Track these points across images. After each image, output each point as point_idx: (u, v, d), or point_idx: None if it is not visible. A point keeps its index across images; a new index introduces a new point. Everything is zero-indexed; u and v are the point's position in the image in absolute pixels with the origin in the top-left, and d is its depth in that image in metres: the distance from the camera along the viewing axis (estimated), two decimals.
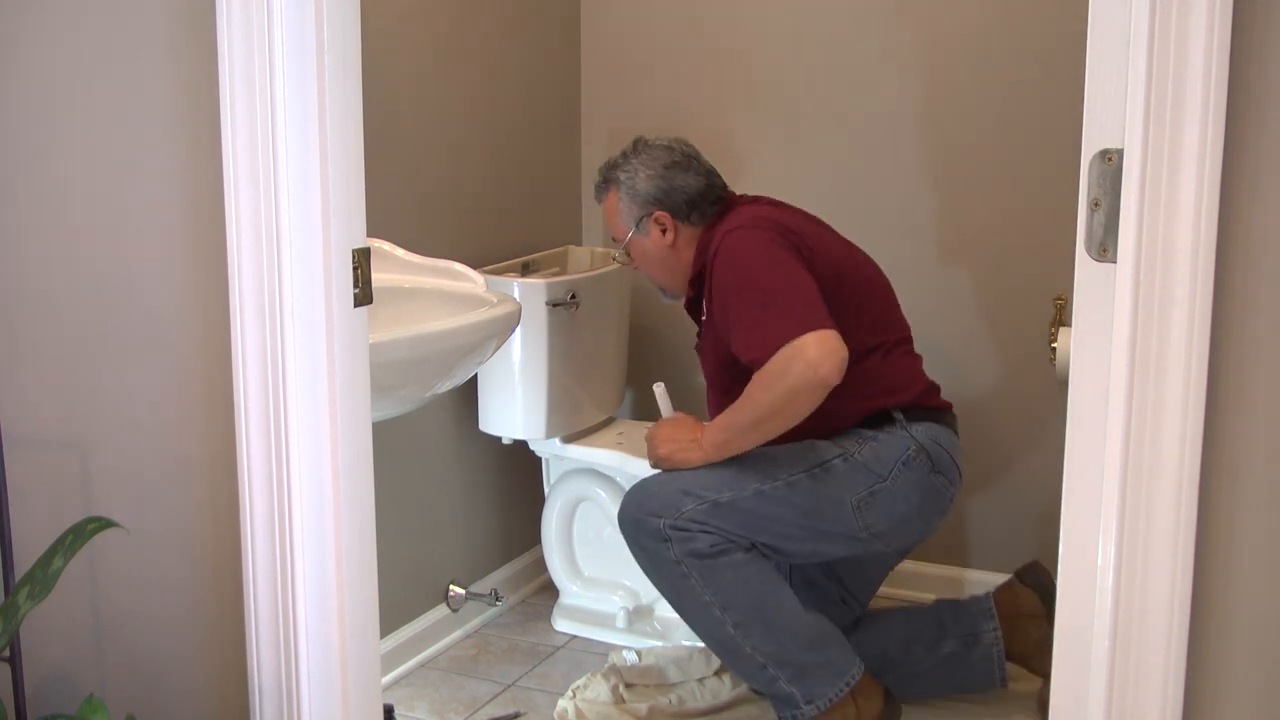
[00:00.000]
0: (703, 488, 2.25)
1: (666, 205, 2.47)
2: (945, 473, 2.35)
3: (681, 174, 2.47)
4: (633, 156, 2.51)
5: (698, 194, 2.47)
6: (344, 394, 1.62)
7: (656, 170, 2.47)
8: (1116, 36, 1.24)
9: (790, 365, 2.10)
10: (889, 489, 2.29)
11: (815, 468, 2.29)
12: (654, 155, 2.49)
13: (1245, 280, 1.25)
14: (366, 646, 1.72)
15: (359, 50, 1.59)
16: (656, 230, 2.49)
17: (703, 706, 2.59)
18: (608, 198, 2.56)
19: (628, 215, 2.52)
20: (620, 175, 2.51)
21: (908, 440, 2.32)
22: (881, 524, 2.31)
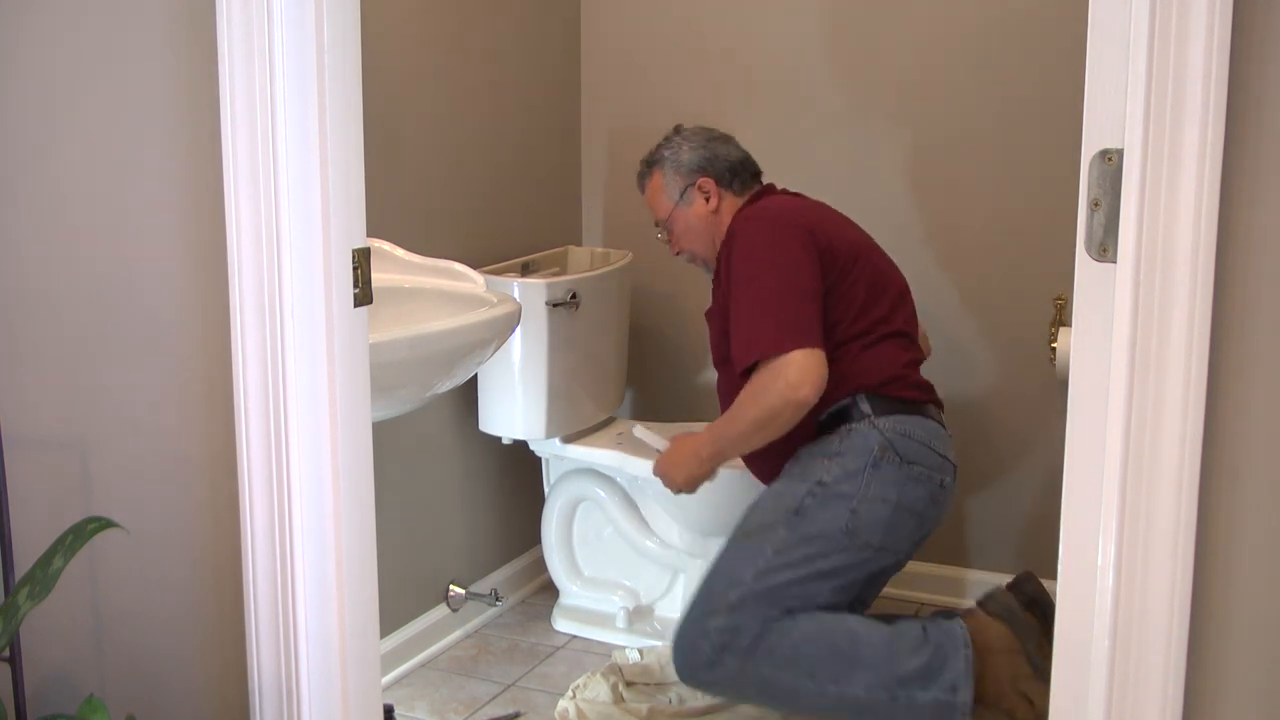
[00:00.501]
0: (713, 599, 2.28)
1: (710, 172, 2.57)
2: (921, 461, 2.33)
3: (723, 145, 2.59)
4: (674, 138, 2.63)
5: (739, 162, 2.58)
6: (344, 394, 1.62)
7: (699, 142, 2.59)
8: (1116, 36, 1.24)
9: (772, 384, 2.26)
10: (865, 498, 2.28)
11: (792, 516, 2.29)
12: (695, 131, 2.62)
13: (1245, 280, 1.25)
14: (366, 646, 1.72)
15: (359, 50, 1.59)
16: (700, 198, 2.57)
17: (702, 705, 2.59)
18: (651, 180, 2.64)
19: (672, 188, 2.59)
20: (664, 154, 2.61)
21: (872, 438, 2.30)
22: (876, 535, 2.30)
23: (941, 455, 2.37)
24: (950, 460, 2.40)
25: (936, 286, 2.99)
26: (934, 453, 2.36)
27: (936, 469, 2.36)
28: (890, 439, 2.31)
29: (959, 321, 2.99)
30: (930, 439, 2.37)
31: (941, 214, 2.98)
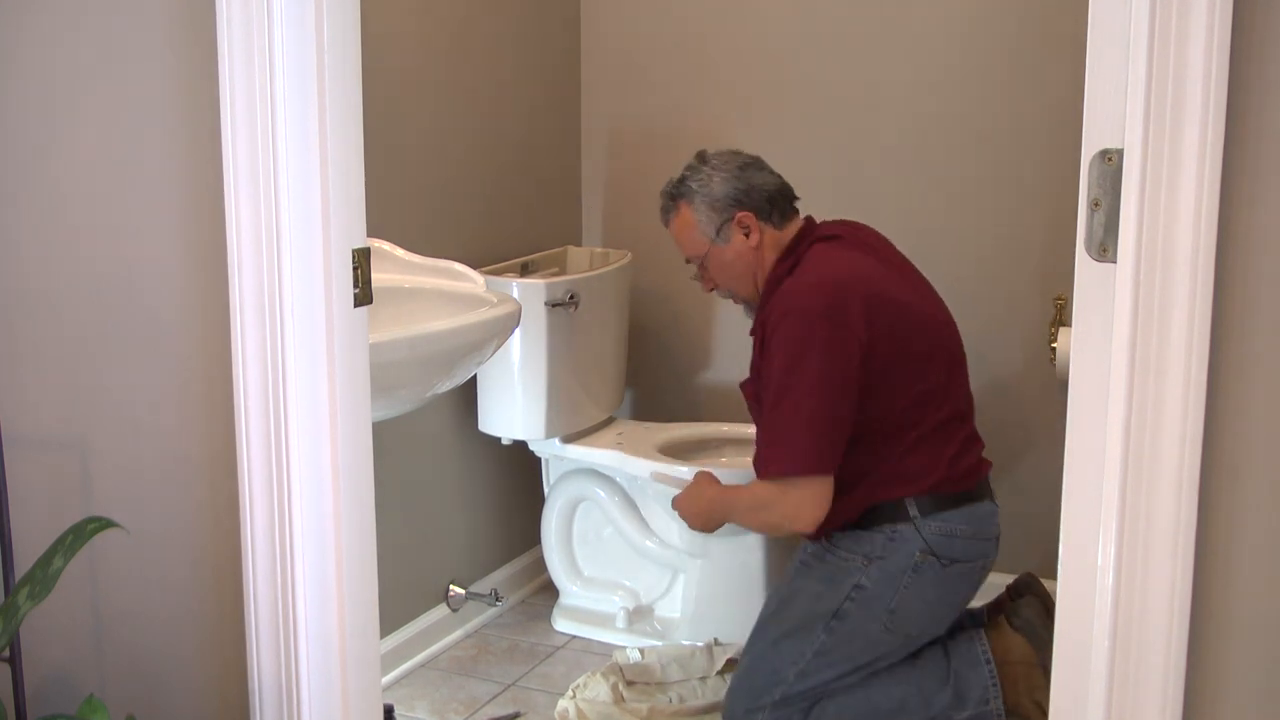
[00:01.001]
0: (756, 695, 2.33)
1: (748, 205, 2.37)
2: (963, 558, 2.31)
3: (756, 173, 2.40)
4: (701, 168, 2.41)
5: (776, 190, 2.40)
6: (344, 394, 1.62)
7: (731, 172, 2.38)
8: (1116, 36, 1.24)
9: (775, 505, 2.30)
10: (904, 600, 2.29)
11: (831, 620, 2.31)
12: (723, 159, 2.41)
13: (1245, 280, 1.25)
14: (366, 646, 1.72)
15: (359, 50, 1.59)
16: (740, 234, 2.38)
17: (702, 704, 2.59)
18: (678, 214, 2.43)
19: (707, 225, 2.40)
20: (692, 185, 2.40)
21: (914, 544, 2.28)
22: (915, 628, 2.33)
23: (985, 540, 2.35)
24: (996, 535, 2.38)
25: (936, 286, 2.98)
26: (979, 541, 2.34)
27: (979, 557, 2.35)
28: (934, 543, 2.29)
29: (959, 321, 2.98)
30: (978, 527, 2.33)
31: (942, 214, 2.98)
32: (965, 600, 2.39)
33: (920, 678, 2.35)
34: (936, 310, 2.42)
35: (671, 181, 2.45)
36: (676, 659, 2.69)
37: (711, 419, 3.20)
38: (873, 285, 2.29)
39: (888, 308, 2.28)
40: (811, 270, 2.31)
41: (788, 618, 2.36)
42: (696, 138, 3.17)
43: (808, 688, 2.32)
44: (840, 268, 2.32)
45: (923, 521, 2.29)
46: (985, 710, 2.33)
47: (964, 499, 2.33)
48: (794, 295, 2.27)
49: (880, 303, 2.27)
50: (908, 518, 2.29)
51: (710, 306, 3.25)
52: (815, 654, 2.31)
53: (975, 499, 2.35)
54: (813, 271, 2.31)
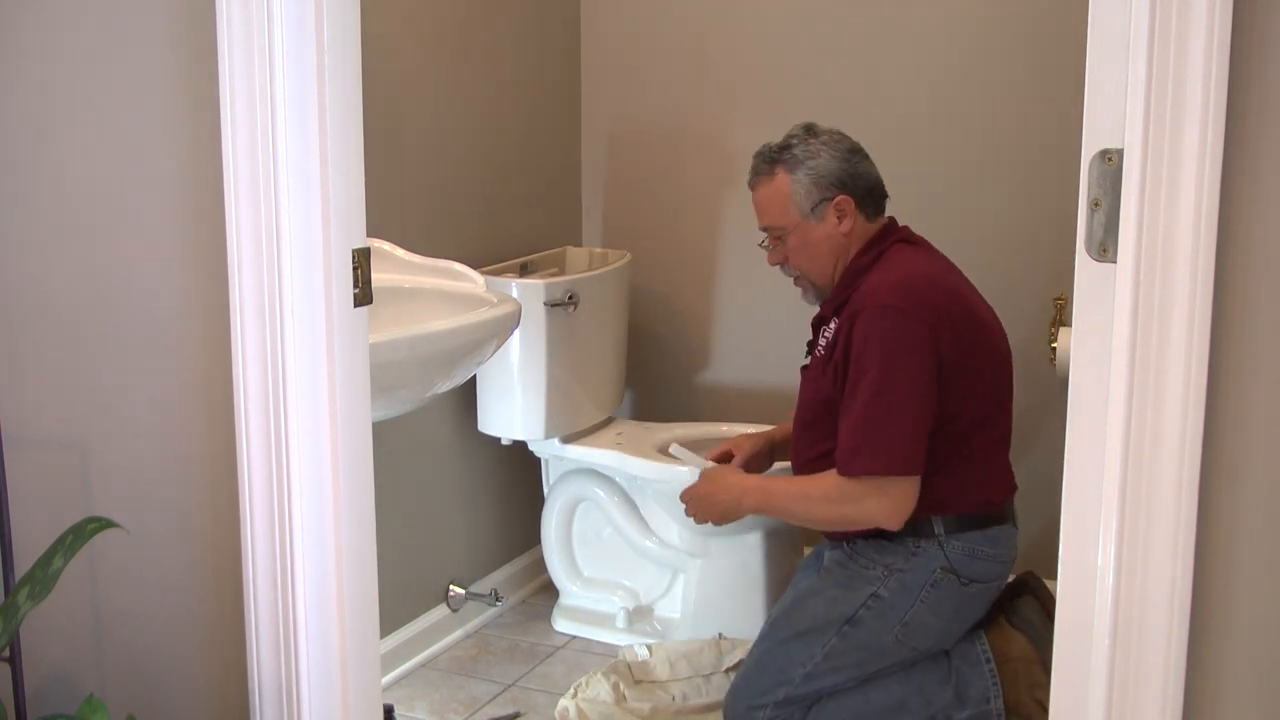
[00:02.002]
0: (761, 693, 2.33)
1: (851, 190, 2.33)
2: (981, 579, 2.31)
3: (862, 160, 2.36)
4: (809, 140, 2.34)
5: (876, 184, 2.37)
6: (344, 394, 1.62)
7: (841, 153, 2.33)
8: (1116, 36, 1.24)
9: (864, 501, 2.22)
10: (920, 613, 2.29)
11: (845, 625, 2.30)
12: (834, 138, 2.34)
13: (1245, 280, 1.25)
14: (366, 646, 1.72)
15: (359, 50, 1.59)
16: (834, 216, 2.33)
17: (705, 703, 2.59)
18: (774, 180, 2.35)
19: (805, 198, 2.33)
20: (799, 153, 2.33)
21: (936, 560, 2.27)
22: (925, 641, 2.33)
23: (1004, 562, 2.35)
24: (1013, 558, 2.37)
25: None
26: (998, 563, 2.33)
27: (996, 578, 2.35)
28: (955, 562, 2.28)
29: None
30: (999, 549, 2.33)
31: (942, 214, 2.97)
32: (976, 619, 2.38)
33: (920, 677, 2.35)
34: (999, 330, 2.39)
35: (773, 146, 2.37)
36: (685, 655, 2.69)
37: (711, 419, 3.20)
38: (956, 296, 2.28)
39: (967, 322, 2.26)
40: (901, 269, 2.28)
41: (800, 619, 2.36)
42: (696, 138, 3.18)
43: (812, 690, 2.32)
44: (929, 271, 2.30)
45: (947, 540, 2.28)
46: (986, 709, 2.34)
47: (989, 521, 2.33)
48: (891, 291, 2.22)
49: (960, 315, 2.25)
50: (932, 534, 2.28)
51: (710, 306, 3.25)
52: (825, 657, 2.31)
53: (1000, 521, 2.34)
54: (904, 270, 2.28)
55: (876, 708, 2.33)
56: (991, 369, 2.33)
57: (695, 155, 3.19)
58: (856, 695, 2.33)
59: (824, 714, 2.33)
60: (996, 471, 2.37)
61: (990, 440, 2.33)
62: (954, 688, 2.34)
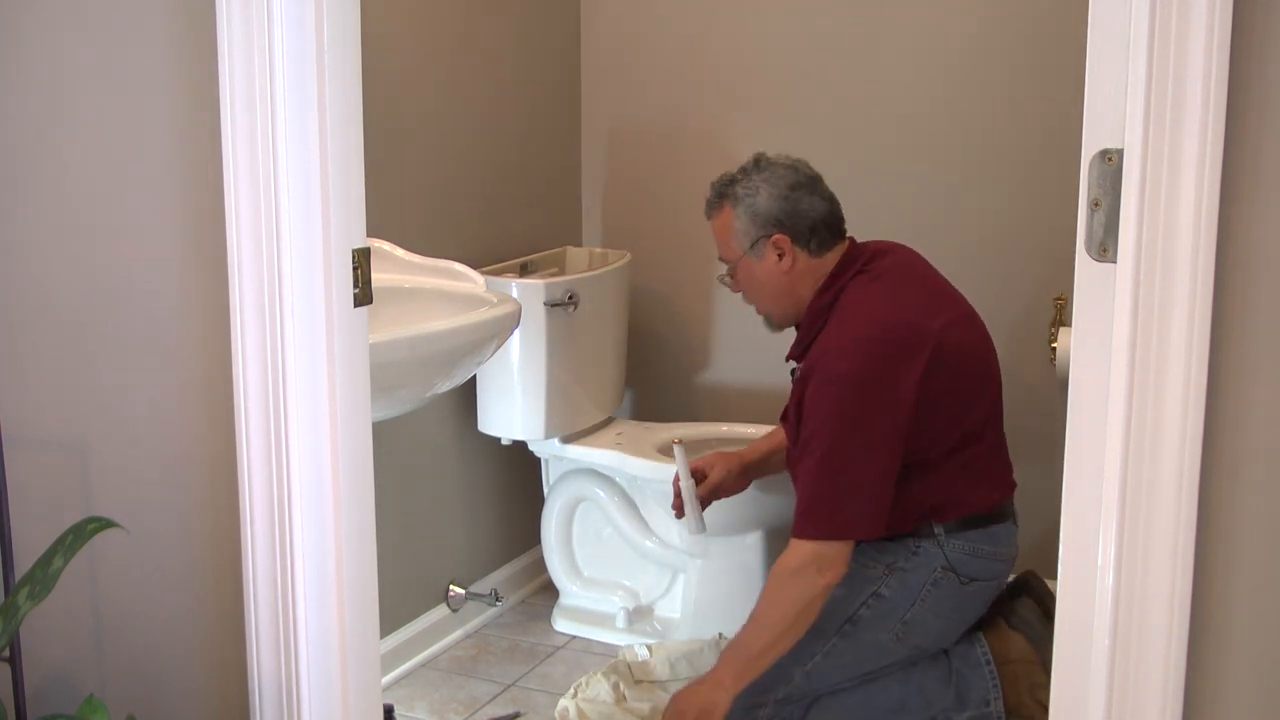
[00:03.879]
0: (761, 691, 2.31)
1: (788, 228, 2.31)
2: (982, 577, 2.32)
3: (807, 196, 2.32)
4: (754, 173, 2.34)
5: (821, 219, 2.32)
6: (344, 394, 1.62)
7: (781, 189, 2.32)
8: (1116, 36, 1.24)
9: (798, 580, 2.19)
10: (919, 613, 2.30)
11: (845, 624, 2.30)
12: (778, 174, 2.33)
13: (1245, 280, 1.25)
14: (366, 646, 1.72)
15: (359, 50, 1.59)
16: (773, 254, 2.33)
17: None
18: (721, 214, 2.38)
19: (744, 235, 2.35)
20: (739, 190, 2.34)
21: (935, 560, 2.28)
22: (926, 640, 2.33)
23: (1004, 560, 2.35)
24: (1013, 556, 2.38)
25: None
26: (999, 561, 2.34)
27: (996, 576, 2.35)
28: (955, 561, 2.29)
29: None
30: (999, 547, 2.33)
31: (942, 214, 2.98)
32: (976, 617, 2.38)
33: (920, 677, 2.35)
34: (979, 337, 2.38)
35: (724, 179, 2.39)
36: (685, 655, 2.69)
37: (711, 419, 3.20)
38: (918, 331, 2.23)
39: (940, 349, 2.23)
40: (856, 317, 2.26)
41: None
42: (696, 138, 3.18)
43: (812, 688, 2.32)
44: (885, 314, 2.25)
45: (947, 539, 2.29)
46: (986, 712, 2.34)
47: (989, 520, 2.33)
48: (842, 355, 2.21)
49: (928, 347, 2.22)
50: (932, 535, 2.29)
51: (710, 307, 3.25)
52: (825, 656, 2.31)
53: (999, 519, 2.35)
54: (859, 319, 2.25)
55: (876, 708, 2.33)
56: (978, 382, 2.33)
57: (695, 155, 3.19)
58: (857, 695, 2.33)
59: (823, 713, 2.33)
60: (993, 472, 2.37)
61: (984, 448, 2.34)
62: (954, 689, 2.34)
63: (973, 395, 2.31)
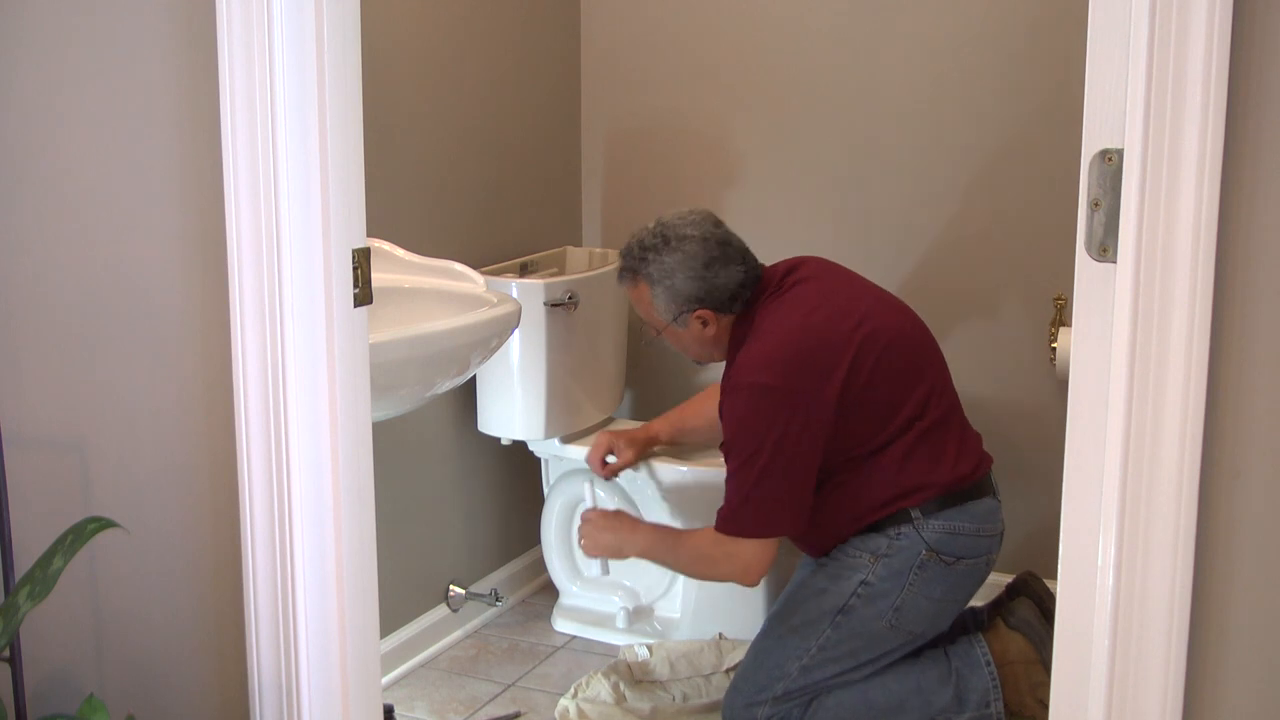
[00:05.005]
0: (758, 690, 2.35)
1: (709, 303, 2.36)
2: (967, 555, 2.33)
3: (721, 268, 2.34)
4: (665, 253, 2.35)
5: (738, 285, 2.36)
6: (344, 394, 1.62)
7: (695, 270, 2.34)
8: (1116, 36, 1.24)
9: (724, 562, 2.35)
10: (910, 596, 2.31)
11: (837, 615, 2.32)
12: (689, 252, 2.34)
13: (1245, 280, 1.25)
14: (366, 646, 1.72)
15: (359, 50, 1.59)
16: (697, 324, 2.39)
17: (706, 702, 2.59)
18: (637, 288, 2.42)
19: (665, 310, 2.40)
20: (653, 271, 2.37)
21: (918, 545, 2.29)
22: (920, 624, 2.34)
23: (988, 536, 2.36)
24: (999, 531, 2.39)
25: (937, 286, 2.99)
26: (982, 538, 2.35)
27: (983, 553, 2.36)
28: (937, 543, 2.30)
29: (959, 321, 2.99)
30: (981, 524, 2.34)
31: (942, 213, 2.98)
32: (968, 597, 2.40)
33: (920, 677, 2.35)
34: (907, 324, 2.42)
35: (632, 253, 2.41)
36: (685, 655, 2.69)
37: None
38: (828, 337, 2.29)
39: (858, 349, 2.28)
40: (769, 335, 2.32)
41: (793, 613, 2.38)
42: (696, 138, 3.18)
43: (810, 682, 2.33)
44: (791, 334, 2.31)
45: (924, 522, 2.30)
46: (986, 713, 2.34)
47: (965, 497, 2.34)
48: (755, 368, 2.28)
49: (846, 349, 2.28)
50: (909, 519, 2.31)
51: None
52: (819, 649, 2.32)
53: (977, 496, 2.35)
54: (771, 337, 2.31)
55: (876, 708, 2.34)
56: (911, 367, 2.35)
57: (695, 155, 3.19)
58: (856, 694, 2.34)
59: (823, 712, 2.33)
60: (954, 448, 2.36)
61: (934, 424, 2.34)
62: (954, 689, 2.35)
63: (907, 381, 2.34)
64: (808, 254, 2.54)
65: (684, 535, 2.47)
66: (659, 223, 2.40)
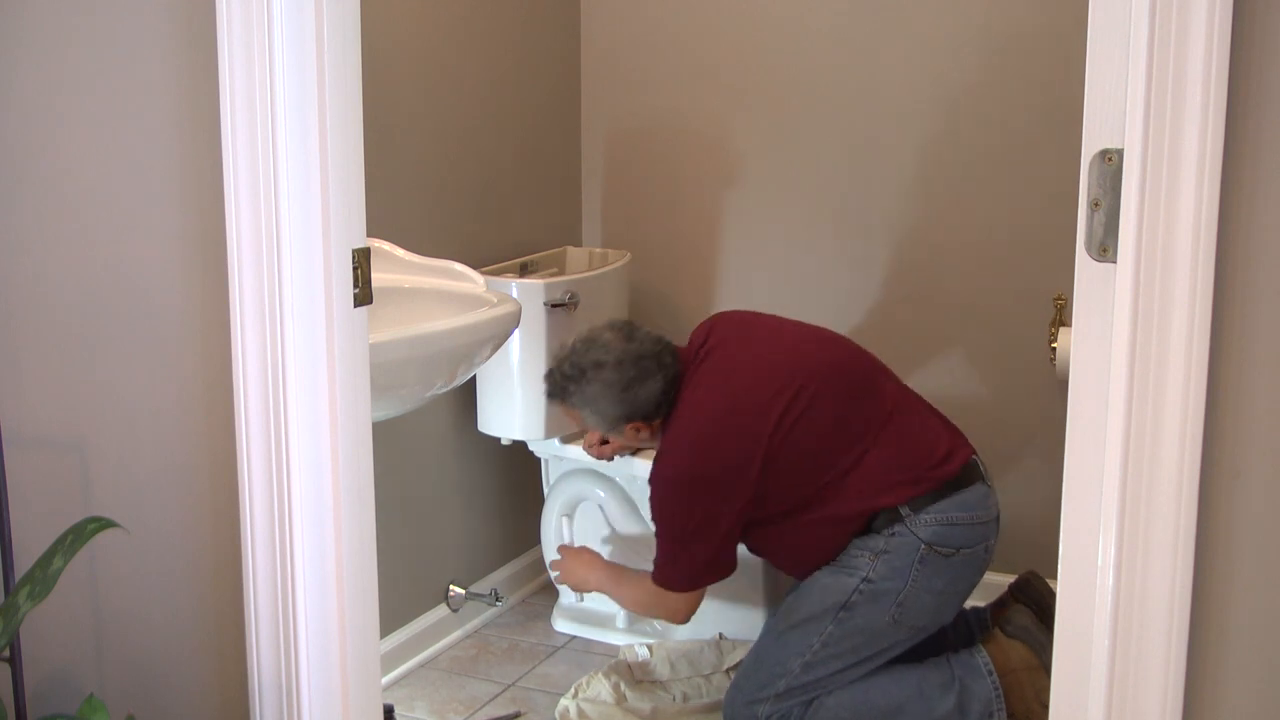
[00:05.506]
0: (761, 687, 2.37)
1: (637, 417, 2.47)
2: (965, 544, 2.33)
3: (640, 386, 2.42)
4: (584, 384, 2.44)
5: (660, 394, 2.44)
6: (344, 394, 1.62)
7: (615, 395, 2.43)
8: (1116, 36, 1.24)
9: (658, 607, 2.52)
10: (913, 591, 2.31)
11: (840, 611, 2.33)
12: (606, 380, 2.43)
13: (1245, 280, 1.25)
14: (366, 646, 1.72)
15: (359, 50, 1.59)
16: (631, 431, 2.51)
17: (707, 702, 2.59)
18: (567, 407, 2.53)
19: (599, 425, 2.53)
20: (577, 400, 2.48)
21: (914, 542, 2.30)
22: (923, 618, 2.35)
23: (983, 523, 2.37)
24: (994, 517, 2.40)
25: (937, 286, 2.99)
26: (977, 525, 2.35)
27: (980, 541, 2.36)
28: (932, 536, 2.31)
29: (959, 321, 2.99)
30: (973, 512, 2.35)
31: (942, 214, 2.98)
32: (970, 587, 2.40)
33: (922, 682, 2.35)
34: (827, 353, 2.47)
35: (554, 381, 2.50)
36: (685, 655, 2.70)
37: None
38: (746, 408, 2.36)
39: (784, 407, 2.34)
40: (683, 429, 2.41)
41: (795, 611, 2.38)
42: (696, 138, 3.18)
43: (811, 679, 2.33)
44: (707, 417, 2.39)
45: (915, 518, 2.31)
46: None
47: (952, 487, 2.35)
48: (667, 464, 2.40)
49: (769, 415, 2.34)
50: (900, 518, 2.31)
51: (710, 306, 3.25)
52: (822, 645, 2.33)
53: (964, 484, 2.36)
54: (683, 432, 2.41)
55: (876, 709, 2.33)
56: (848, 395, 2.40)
57: (695, 155, 3.19)
58: (856, 695, 2.34)
59: (823, 712, 2.33)
60: (924, 441, 2.38)
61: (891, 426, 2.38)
62: (956, 697, 2.34)
63: (846, 410, 2.38)
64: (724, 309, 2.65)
65: (628, 580, 2.59)
66: (573, 349, 2.49)
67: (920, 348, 3.02)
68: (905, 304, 3.03)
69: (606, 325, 2.50)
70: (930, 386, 2.96)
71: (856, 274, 3.06)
